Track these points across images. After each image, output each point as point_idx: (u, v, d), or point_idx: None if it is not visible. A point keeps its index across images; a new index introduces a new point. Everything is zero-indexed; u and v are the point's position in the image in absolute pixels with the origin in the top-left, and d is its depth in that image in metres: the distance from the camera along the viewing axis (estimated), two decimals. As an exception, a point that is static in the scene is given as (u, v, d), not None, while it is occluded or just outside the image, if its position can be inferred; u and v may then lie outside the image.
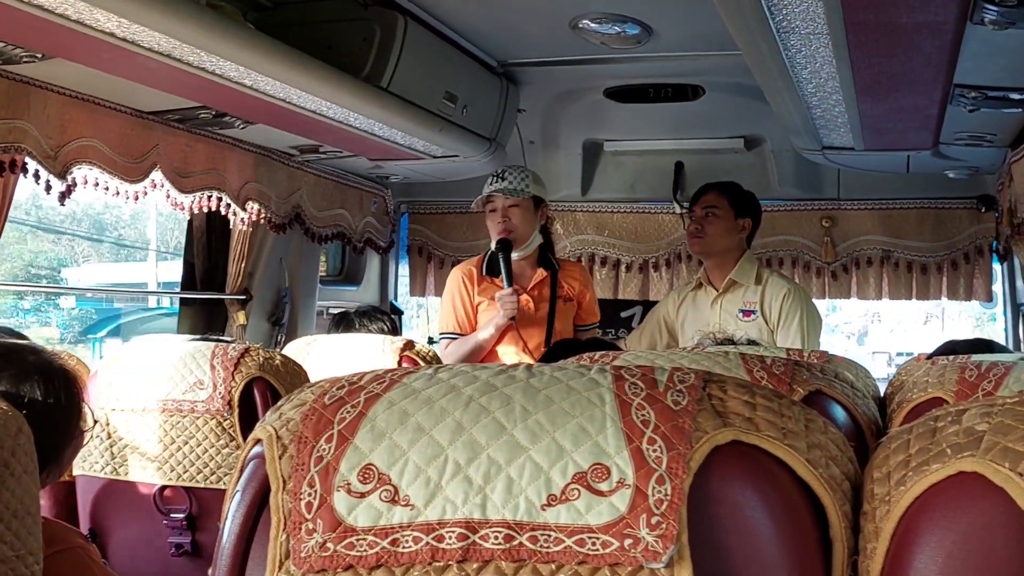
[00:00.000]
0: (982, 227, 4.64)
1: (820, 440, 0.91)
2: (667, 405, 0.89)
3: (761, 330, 3.84)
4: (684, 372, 0.94)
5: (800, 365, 1.66)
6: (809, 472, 0.88)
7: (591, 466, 0.87)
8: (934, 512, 0.80)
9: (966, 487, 0.78)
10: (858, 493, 0.90)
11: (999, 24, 2.19)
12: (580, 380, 0.92)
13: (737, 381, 0.94)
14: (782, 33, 2.37)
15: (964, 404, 0.84)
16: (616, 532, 0.84)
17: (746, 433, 0.88)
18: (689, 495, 0.85)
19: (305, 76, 2.82)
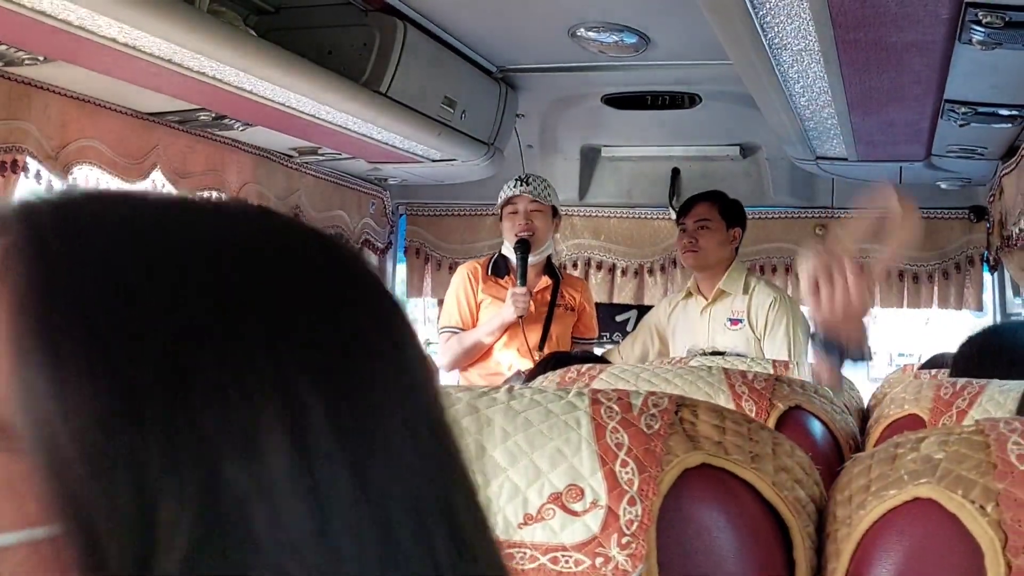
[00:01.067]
0: (974, 237, 4.67)
1: (787, 463, 0.94)
2: (640, 429, 0.93)
3: (748, 339, 3.88)
4: (658, 396, 0.98)
5: (781, 380, 1.70)
6: (775, 495, 0.91)
7: (566, 487, 0.91)
8: (890, 535, 0.83)
9: (921, 512, 0.82)
10: (823, 515, 0.93)
11: (986, 44, 2.23)
12: (558, 403, 0.96)
13: (709, 405, 0.98)
14: (774, 49, 2.41)
15: (925, 432, 0.88)
16: (588, 551, 0.88)
17: (715, 456, 0.92)
18: (659, 516, 0.88)
19: (304, 81, 2.86)
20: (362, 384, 0.48)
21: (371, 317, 0.51)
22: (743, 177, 4.77)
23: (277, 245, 0.51)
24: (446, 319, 4.04)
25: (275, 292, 0.48)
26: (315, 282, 0.51)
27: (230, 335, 0.46)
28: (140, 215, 0.50)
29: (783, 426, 1.62)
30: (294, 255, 0.51)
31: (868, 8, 2.04)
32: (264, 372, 0.45)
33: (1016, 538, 0.76)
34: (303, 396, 0.45)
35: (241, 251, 0.49)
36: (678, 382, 1.66)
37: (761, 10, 2.12)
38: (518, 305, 3.79)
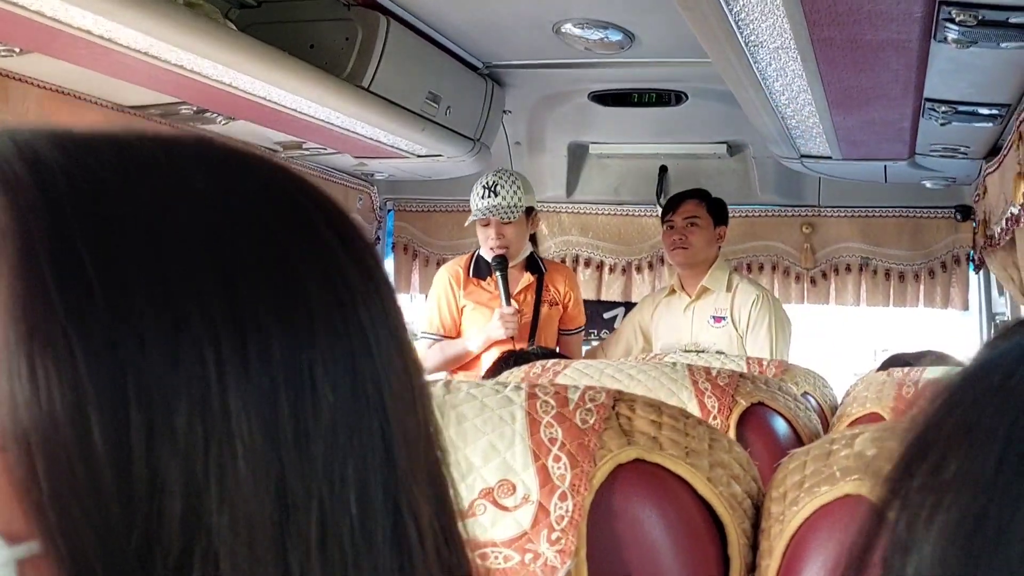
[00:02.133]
0: (959, 236, 4.68)
1: (723, 459, 0.94)
2: (575, 423, 0.92)
3: (731, 336, 3.89)
4: (596, 391, 0.97)
5: (745, 377, 1.69)
6: (710, 490, 0.91)
7: (498, 482, 0.90)
8: (820, 532, 0.83)
9: (852, 509, 0.82)
10: (760, 511, 0.93)
11: (961, 43, 2.23)
12: (495, 398, 0.96)
13: (647, 400, 0.97)
14: (750, 47, 2.41)
15: (861, 428, 0.87)
16: (518, 547, 0.88)
17: (649, 452, 0.92)
18: (591, 511, 0.88)
19: (284, 75, 2.85)
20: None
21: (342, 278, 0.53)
22: (730, 175, 4.78)
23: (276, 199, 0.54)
24: (427, 325, 4.00)
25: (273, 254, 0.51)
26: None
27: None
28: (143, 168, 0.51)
29: (746, 422, 1.62)
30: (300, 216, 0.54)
31: (841, 5, 2.03)
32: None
33: (942, 535, 0.75)
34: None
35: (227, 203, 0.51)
36: (642, 378, 1.65)
37: (735, 6, 2.11)
38: (508, 327, 3.75)
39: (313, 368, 0.49)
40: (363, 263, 0.54)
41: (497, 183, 3.86)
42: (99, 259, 0.45)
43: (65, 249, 0.45)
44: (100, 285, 0.45)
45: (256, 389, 0.47)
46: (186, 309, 0.46)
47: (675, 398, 1.62)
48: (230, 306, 0.47)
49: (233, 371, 0.47)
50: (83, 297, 0.45)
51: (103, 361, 0.44)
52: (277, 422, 0.47)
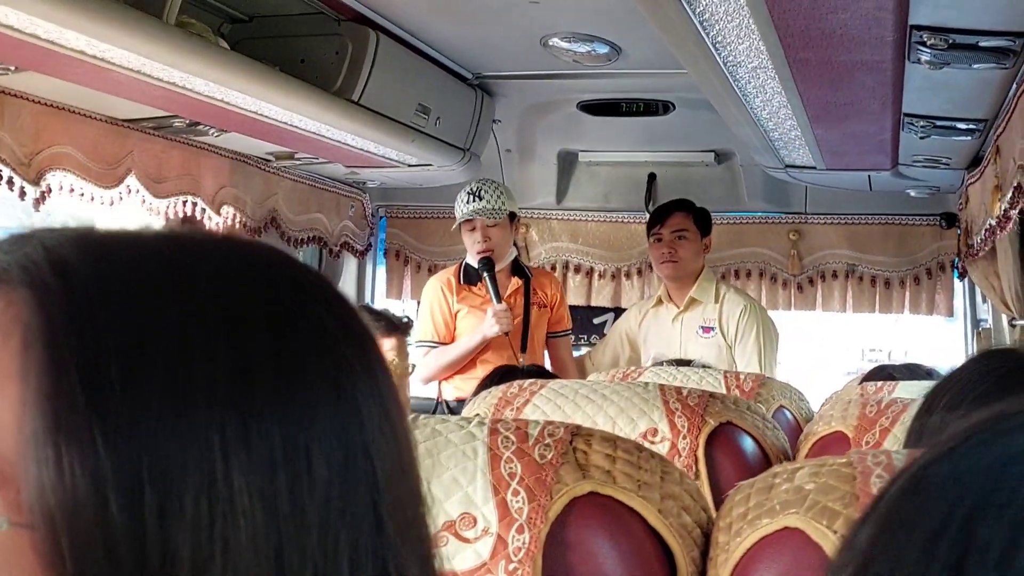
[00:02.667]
0: (944, 244, 4.73)
1: (674, 491, 1.00)
2: (534, 459, 0.98)
3: (720, 346, 3.95)
4: (555, 426, 1.03)
5: (715, 397, 1.75)
6: (660, 521, 0.96)
7: (460, 515, 0.96)
8: (761, 563, 0.89)
9: (789, 541, 0.87)
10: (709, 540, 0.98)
11: (934, 64, 2.28)
12: (458, 433, 1.01)
13: (603, 435, 1.03)
14: (729, 66, 2.46)
15: (802, 463, 0.93)
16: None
17: (603, 485, 0.97)
18: (546, 542, 0.93)
19: (274, 90, 2.90)
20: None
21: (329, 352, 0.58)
22: (718, 183, 4.84)
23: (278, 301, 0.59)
24: (422, 333, 4.08)
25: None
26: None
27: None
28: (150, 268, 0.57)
29: (714, 441, 1.67)
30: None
31: (814, 29, 2.09)
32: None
33: (871, 567, 0.80)
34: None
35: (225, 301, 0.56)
36: (615, 398, 1.71)
37: (712, 30, 2.16)
38: (501, 323, 3.84)
39: (310, 447, 0.54)
40: (359, 343, 0.59)
41: (481, 188, 3.96)
42: (121, 360, 0.51)
43: (91, 352, 0.51)
44: (120, 383, 0.51)
45: (257, 468, 0.53)
46: (195, 399, 0.52)
47: (646, 417, 1.68)
48: (234, 395, 0.53)
49: (236, 453, 0.52)
50: (105, 393, 0.51)
51: (121, 449, 0.50)
52: (276, 498, 0.53)
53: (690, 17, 2.06)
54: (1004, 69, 2.34)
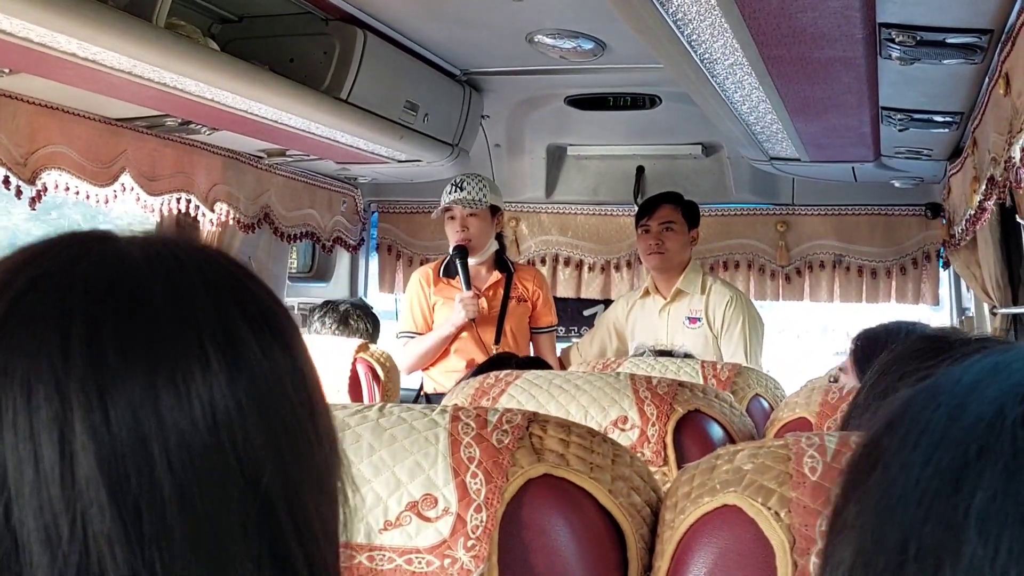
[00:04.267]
0: (930, 234, 4.78)
1: (624, 472, 1.06)
2: (492, 444, 1.04)
3: (707, 337, 4.01)
4: (512, 413, 1.09)
5: (683, 386, 1.81)
6: (611, 501, 1.02)
7: (422, 496, 1.02)
8: (702, 538, 0.95)
9: (727, 518, 0.93)
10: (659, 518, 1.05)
11: (905, 60, 2.34)
12: (422, 420, 1.07)
13: (558, 421, 1.09)
14: (706, 63, 2.52)
15: (743, 444, 0.99)
16: (438, 553, 0.99)
17: (556, 467, 1.03)
18: (502, 521, 1.00)
19: (263, 90, 2.96)
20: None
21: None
22: (706, 175, 4.90)
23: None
24: (403, 324, 4.18)
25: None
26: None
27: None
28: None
29: (683, 428, 1.73)
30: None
31: (785, 27, 2.14)
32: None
33: (802, 541, 0.86)
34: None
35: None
36: (587, 388, 1.77)
37: (686, 29, 2.22)
38: (468, 309, 3.93)
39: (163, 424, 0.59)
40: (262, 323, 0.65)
41: (464, 180, 4.05)
42: None
43: None
44: None
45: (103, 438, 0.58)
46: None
47: (617, 406, 1.74)
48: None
49: (85, 434, 0.57)
50: None
51: None
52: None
53: (663, 16, 2.11)
54: (974, 64, 2.39)
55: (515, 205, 5.15)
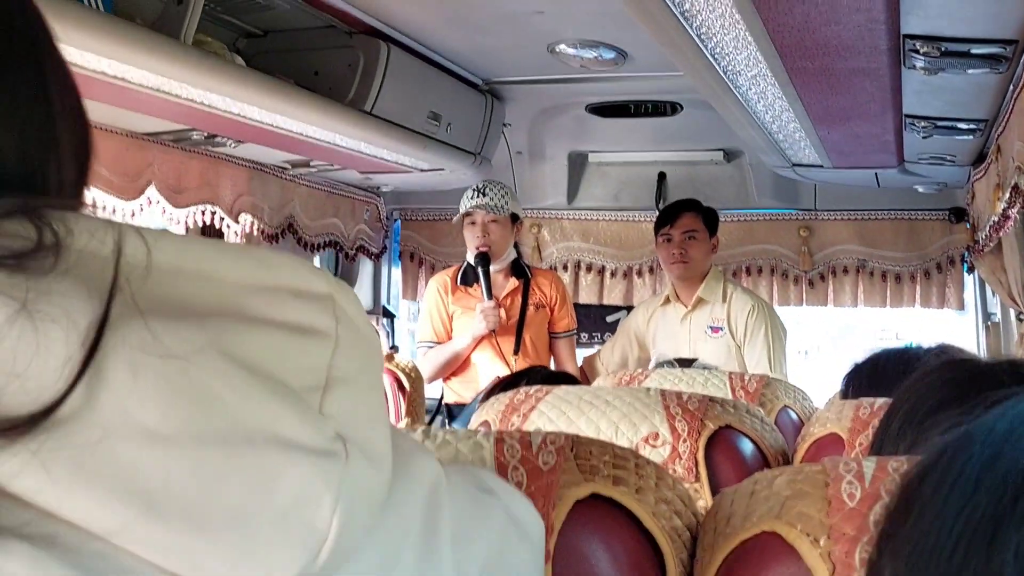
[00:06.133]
0: (954, 238, 4.77)
1: (667, 495, 1.07)
2: (538, 466, 1.05)
3: (729, 346, 4.00)
4: (556, 435, 1.10)
5: (714, 401, 1.82)
6: (654, 523, 1.04)
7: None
8: (742, 564, 0.96)
9: (768, 544, 0.94)
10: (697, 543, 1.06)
11: (929, 70, 2.34)
12: (467, 443, 1.09)
13: (600, 443, 1.10)
14: (730, 75, 2.53)
15: (780, 469, 1.00)
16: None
17: (603, 487, 1.04)
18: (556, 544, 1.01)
19: (289, 103, 2.98)
20: None
21: None
22: (727, 181, 4.91)
23: None
24: (422, 334, 4.17)
25: None
26: None
27: None
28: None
29: (714, 445, 1.75)
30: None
31: (809, 40, 2.15)
32: None
33: (842, 568, 0.87)
34: None
35: None
36: (617, 404, 1.78)
37: (709, 42, 2.23)
38: (488, 320, 3.92)
39: None
40: None
41: (486, 186, 4.07)
42: None
43: None
44: None
45: None
46: None
47: (648, 422, 1.75)
48: None
49: None
50: None
51: None
52: None
53: (687, 29, 2.13)
54: (999, 73, 2.40)
55: (537, 212, 5.17)
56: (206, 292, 0.59)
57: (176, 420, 0.54)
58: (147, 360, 0.55)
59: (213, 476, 0.55)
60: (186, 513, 0.54)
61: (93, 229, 0.58)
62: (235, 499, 0.55)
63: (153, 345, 0.55)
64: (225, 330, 0.58)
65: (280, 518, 0.57)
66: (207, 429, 0.55)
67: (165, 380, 0.55)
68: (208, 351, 0.56)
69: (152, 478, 0.53)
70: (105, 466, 0.53)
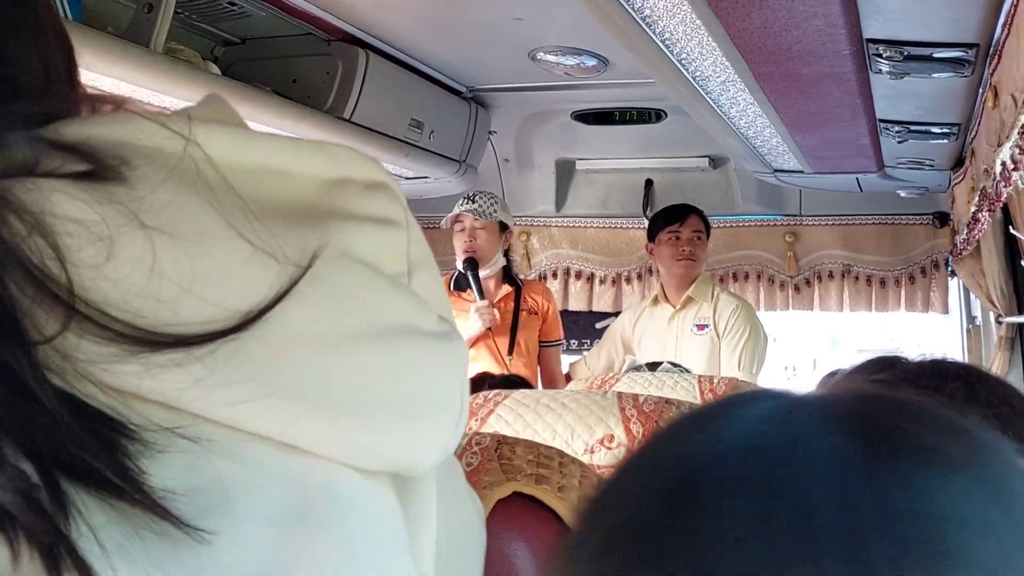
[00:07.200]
0: (938, 242, 4.79)
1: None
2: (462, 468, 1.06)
3: (713, 342, 4.04)
4: (482, 436, 1.11)
5: (670, 403, 1.83)
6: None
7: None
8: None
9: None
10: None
11: (895, 74, 2.36)
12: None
13: (527, 443, 1.11)
14: (699, 81, 2.54)
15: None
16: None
17: (525, 486, 1.05)
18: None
19: (265, 111, 2.99)
20: None
21: None
22: (713, 187, 4.92)
23: None
24: None
25: None
26: None
27: None
28: None
29: (669, 446, 1.75)
30: None
31: (771, 45, 2.16)
32: None
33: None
34: None
35: None
36: (573, 406, 1.79)
37: (675, 48, 2.24)
38: (484, 319, 3.96)
39: None
40: None
41: (476, 193, 4.14)
42: None
43: None
44: None
45: None
46: None
47: (604, 424, 1.76)
48: None
49: None
50: None
51: None
52: None
53: (651, 36, 2.14)
54: (965, 77, 2.41)
55: (526, 219, 5.18)
56: (292, 190, 0.60)
57: (333, 323, 0.56)
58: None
59: (368, 371, 0.58)
60: (348, 408, 0.57)
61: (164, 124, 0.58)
62: (389, 390, 0.59)
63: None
64: (329, 228, 0.59)
65: (427, 401, 0.61)
66: (357, 328, 0.57)
67: (316, 286, 0.56)
68: (328, 251, 0.58)
69: (318, 381, 0.56)
70: (277, 376, 0.55)
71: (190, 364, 0.52)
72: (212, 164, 0.57)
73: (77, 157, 0.53)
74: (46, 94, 0.62)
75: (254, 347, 0.54)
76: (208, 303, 0.53)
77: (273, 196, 0.59)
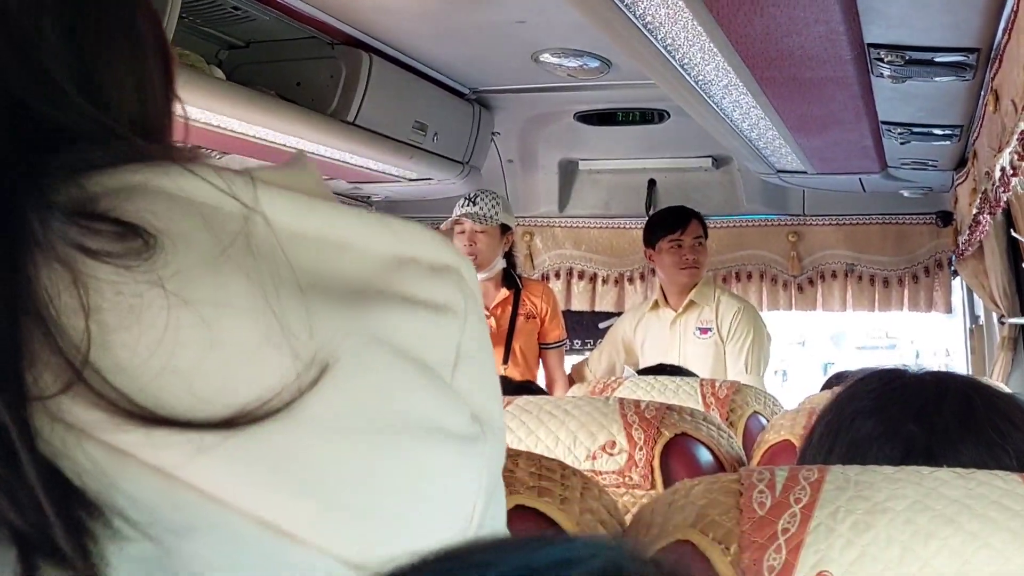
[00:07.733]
0: (941, 242, 4.79)
1: (592, 506, 1.09)
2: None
3: (717, 345, 4.03)
4: (483, 449, 1.12)
5: (671, 409, 1.84)
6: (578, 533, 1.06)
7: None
8: (657, 572, 0.97)
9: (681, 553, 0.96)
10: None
11: (896, 78, 2.36)
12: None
13: (529, 455, 1.12)
14: (702, 85, 2.55)
15: (700, 479, 1.02)
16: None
17: (527, 499, 1.06)
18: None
19: (269, 115, 3.01)
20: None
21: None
22: (717, 187, 4.92)
23: None
24: None
25: None
26: None
27: None
28: None
29: (670, 452, 1.76)
30: None
31: (773, 51, 2.17)
32: None
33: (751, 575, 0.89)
34: None
35: None
36: (576, 413, 1.80)
37: (677, 54, 2.25)
38: None
39: None
40: None
41: (478, 195, 4.10)
42: None
43: None
44: None
45: None
46: None
47: (605, 431, 1.77)
48: None
49: None
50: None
51: None
52: None
53: (653, 42, 2.15)
54: (966, 81, 2.42)
55: (529, 220, 5.19)
56: (349, 265, 0.59)
57: (350, 417, 0.55)
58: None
59: (379, 470, 0.56)
60: (355, 500, 0.55)
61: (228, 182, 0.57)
62: (398, 486, 0.57)
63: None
64: (375, 312, 0.58)
65: (436, 503, 0.59)
66: (376, 424, 0.56)
67: (346, 372, 0.55)
68: (363, 336, 0.56)
69: (331, 470, 0.54)
70: (294, 462, 0.53)
71: (186, 443, 0.51)
72: (272, 229, 0.56)
73: (111, 224, 0.53)
74: (105, 140, 0.60)
75: (261, 430, 0.53)
76: (222, 381, 0.52)
77: (328, 269, 0.58)
